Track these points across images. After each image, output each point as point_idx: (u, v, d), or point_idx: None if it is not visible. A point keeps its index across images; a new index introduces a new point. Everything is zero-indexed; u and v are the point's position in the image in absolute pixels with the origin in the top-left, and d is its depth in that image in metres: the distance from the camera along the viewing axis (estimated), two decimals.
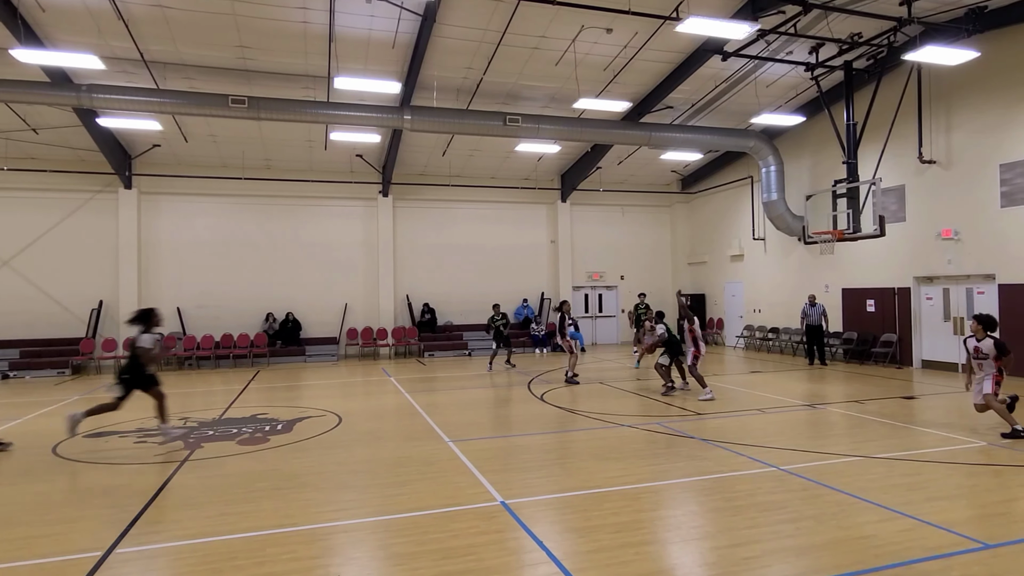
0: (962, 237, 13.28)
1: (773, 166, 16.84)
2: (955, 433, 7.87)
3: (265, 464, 7.06)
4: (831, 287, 16.58)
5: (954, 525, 4.80)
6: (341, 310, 19.25)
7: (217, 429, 9.01)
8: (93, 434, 8.80)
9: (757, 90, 15.62)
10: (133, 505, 5.62)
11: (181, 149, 17.18)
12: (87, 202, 17.36)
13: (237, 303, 18.37)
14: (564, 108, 15.84)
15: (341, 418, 9.62)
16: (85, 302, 17.17)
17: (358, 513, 5.40)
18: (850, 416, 9.10)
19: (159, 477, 6.54)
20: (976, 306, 13.19)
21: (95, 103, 12.51)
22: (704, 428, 8.39)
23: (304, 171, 18.97)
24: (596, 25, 12.46)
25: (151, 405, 8.12)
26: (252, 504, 5.64)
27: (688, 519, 5.18)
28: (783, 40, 13.28)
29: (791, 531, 4.78)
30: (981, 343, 7.82)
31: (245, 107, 12.73)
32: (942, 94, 13.68)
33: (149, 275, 17.78)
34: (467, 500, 5.65)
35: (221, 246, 18.39)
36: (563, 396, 11.33)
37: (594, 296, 22.45)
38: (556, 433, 8.39)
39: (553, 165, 20.52)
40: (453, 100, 15.35)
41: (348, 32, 12.38)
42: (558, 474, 6.45)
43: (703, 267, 22.23)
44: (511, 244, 21.13)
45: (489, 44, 13.05)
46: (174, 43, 12.43)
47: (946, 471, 6.28)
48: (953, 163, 13.51)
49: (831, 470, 6.37)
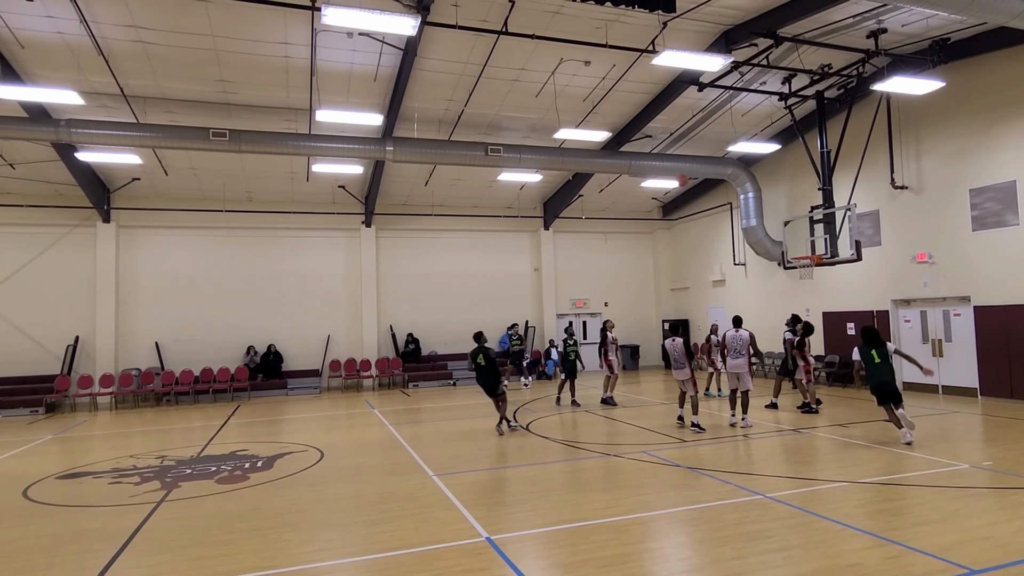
0: (936, 261, 13.56)
1: (751, 192, 17.14)
2: (938, 456, 7.91)
3: (245, 503, 6.89)
4: (812, 311, 16.77)
5: (940, 551, 4.80)
6: (324, 342, 19.06)
7: (195, 467, 8.80)
8: (66, 475, 8.54)
9: (733, 119, 15.98)
10: (107, 550, 5.44)
11: (161, 182, 17.09)
12: (64, 236, 17.14)
13: (217, 336, 18.11)
14: (545, 138, 16.05)
15: (323, 453, 9.45)
16: (61, 338, 16.82)
17: (340, 553, 5.27)
18: (835, 440, 9.13)
19: (135, 519, 6.35)
20: (953, 328, 13.42)
21: (74, 138, 12.43)
22: (690, 456, 8.36)
23: (286, 203, 18.94)
24: (574, 58, 12.72)
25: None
26: (231, 546, 5.48)
27: (676, 551, 5.12)
28: (757, 71, 13.65)
29: (779, 561, 4.74)
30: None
31: (226, 140, 12.73)
32: (911, 122, 14.10)
33: (127, 309, 17.50)
34: (452, 537, 5.54)
35: (201, 279, 18.19)
36: (549, 426, 11.25)
37: (578, 323, 22.47)
38: (542, 464, 8.30)
39: (535, 193, 20.71)
40: (435, 131, 15.49)
41: (330, 66, 12.50)
42: (544, 507, 6.36)
43: (686, 292, 22.41)
44: (495, 272, 21.17)
45: (470, 77, 13.25)
46: (154, 77, 12.46)
47: (931, 495, 6.30)
48: (924, 188, 13.86)
49: (817, 496, 6.36)
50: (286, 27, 11.19)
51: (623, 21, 11.56)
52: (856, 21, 11.71)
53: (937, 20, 11.59)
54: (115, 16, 10.58)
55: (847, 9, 11.22)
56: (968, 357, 13.03)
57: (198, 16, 10.71)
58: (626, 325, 22.04)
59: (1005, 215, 12.23)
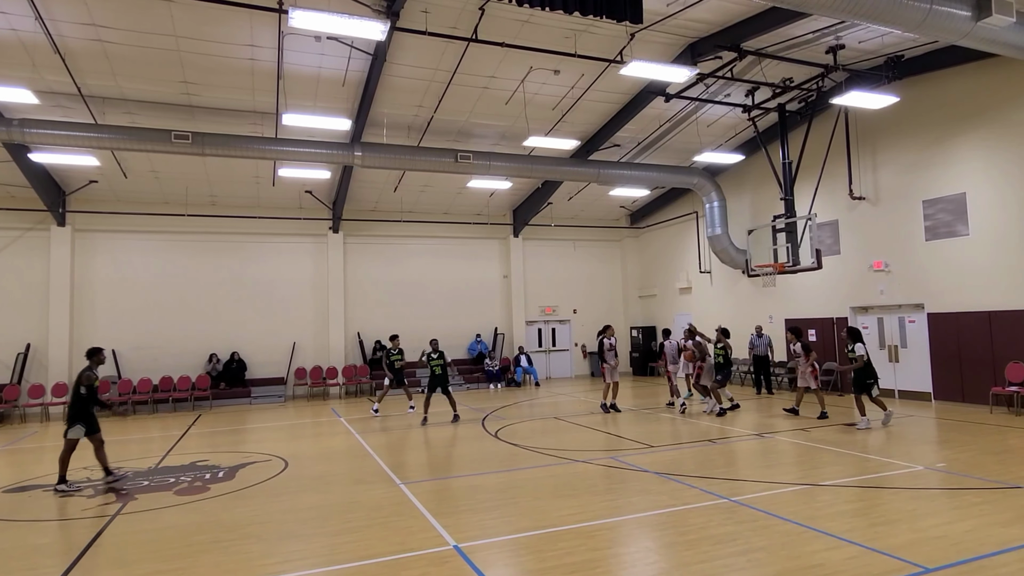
0: (892, 269, 14.01)
1: (716, 202, 17.48)
2: (894, 458, 8.15)
3: (205, 515, 6.70)
4: (775, 318, 17.15)
5: (896, 550, 4.93)
6: (289, 349, 18.71)
7: (153, 478, 8.52)
8: (14, 488, 8.18)
9: (699, 129, 16.30)
10: (56, 566, 5.22)
11: (120, 185, 16.60)
12: (16, 240, 16.49)
13: (178, 344, 17.62)
14: (514, 145, 16.12)
15: (287, 462, 9.25)
16: (10, 345, 16.15)
17: (303, 564, 5.15)
18: (797, 444, 9.33)
19: (87, 534, 6.11)
20: (908, 335, 13.86)
21: (27, 138, 11.99)
22: (656, 461, 8.43)
23: (251, 207, 18.59)
24: (544, 67, 12.82)
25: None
26: (189, 559, 5.32)
27: (642, 556, 5.15)
28: (721, 83, 13.96)
29: (743, 563, 4.81)
30: (795, 347, 12.25)
31: (189, 143, 12.44)
32: (868, 135, 14.59)
33: (83, 316, 16.91)
34: (419, 545, 5.47)
35: (162, 285, 17.70)
36: (518, 433, 11.23)
37: (547, 330, 22.55)
38: (510, 471, 8.28)
39: (505, 201, 20.75)
40: (404, 137, 15.42)
41: (297, 70, 12.35)
42: (512, 514, 6.34)
43: (653, 300, 22.69)
44: (464, 279, 21.11)
45: (439, 83, 13.23)
46: (114, 78, 12.12)
47: (888, 496, 6.47)
48: (881, 199, 14.33)
49: (779, 499, 6.48)
50: (252, 29, 11.02)
51: (592, 32, 11.71)
52: (816, 37, 12.08)
53: (892, 38, 12.04)
54: (73, 14, 10.27)
55: (807, 25, 11.57)
56: (922, 362, 13.48)
57: (160, 16, 10.47)
58: (593, 331, 22.15)
59: (956, 226, 12.72)
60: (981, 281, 12.26)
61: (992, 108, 12.11)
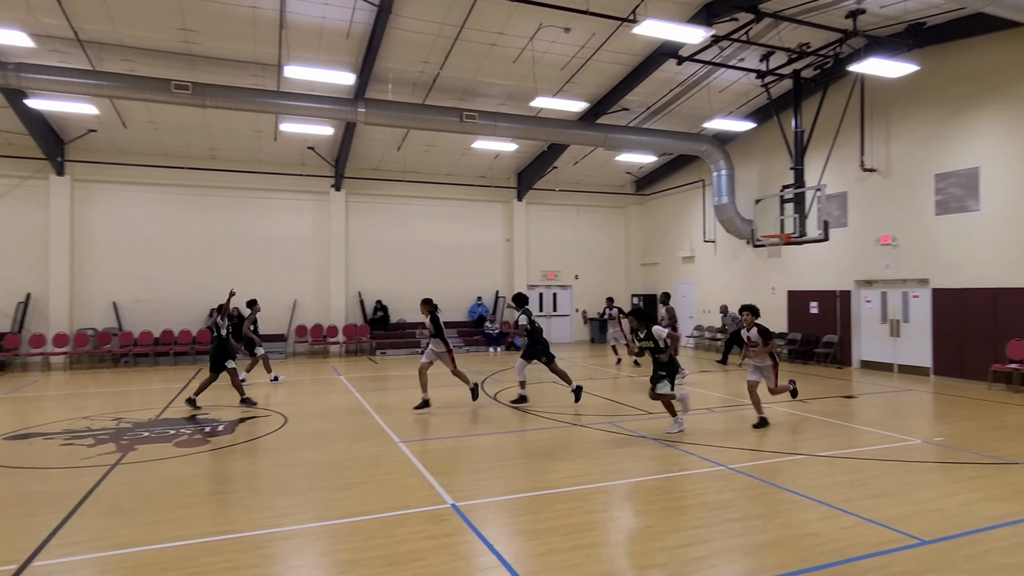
0: (899, 243, 13.85)
1: (724, 170, 17.21)
2: (892, 431, 8.16)
3: (203, 468, 6.74)
4: (777, 289, 17.06)
5: (892, 522, 4.94)
6: (290, 306, 18.69)
7: (153, 430, 8.57)
8: (15, 436, 8.23)
9: (710, 95, 15.92)
10: (55, 513, 5.25)
11: (119, 135, 16.33)
12: (14, 188, 16.30)
13: (179, 298, 17.59)
14: (521, 106, 15.77)
15: (287, 418, 9.30)
16: (10, 295, 16.13)
17: (300, 518, 5.18)
18: (794, 415, 9.35)
19: (86, 482, 6.15)
20: (911, 309, 13.80)
21: (23, 83, 11.73)
22: (655, 427, 8.45)
23: (252, 162, 18.33)
24: (554, 24, 12.43)
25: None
26: (186, 510, 5.35)
27: (638, 520, 5.17)
28: (736, 47, 13.55)
29: (738, 530, 4.82)
30: (751, 332, 8.34)
31: (189, 93, 12.17)
32: (883, 105, 14.24)
33: (83, 267, 16.84)
34: (416, 503, 5.50)
35: (162, 238, 17.58)
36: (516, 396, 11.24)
37: (548, 295, 22.50)
38: (508, 433, 8.31)
39: (510, 163, 20.45)
40: (409, 94, 15.07)
41: (300, 20, 11.98)
42: (510, 475, 6.37)
43: (656, 268, 22.57)
44: (466, 242, 20.97)
45: (446, 38, 12.86)
46: (112, 23, 11.77)
47: (884, 468, 6.49)
48: (892, 172, 14.08)
49: (776, 468, 6.50)
50: None
51: None
52: (836, 0, 11.67)
53: (915, 3, 11.62)
54: None
55: None
56: (924, 337, 13.44)
57: None
58: (595, 298, 22.17)
59: (967, 200, 12.51)
60: (988, 258, 12.12)
61: (1015, 81, 11.76)
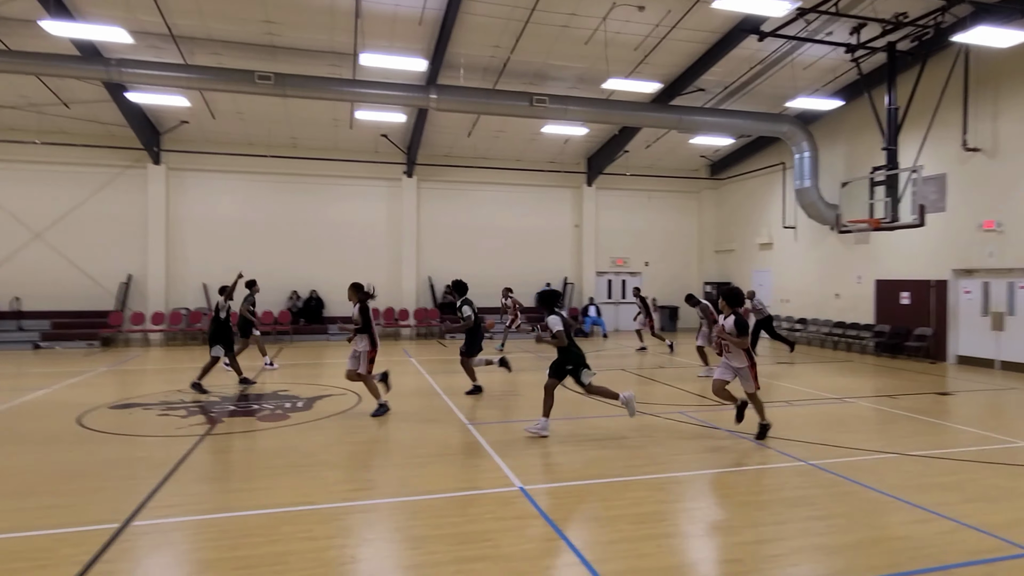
0: (1005, 229, 12.73)
1: (807, 152, 16.31)
2: (993, 432, 7.55)
3: (284, 441, 7.06)
4: (864, 278, 16.09)
5: (995, 529, 4.56)
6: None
7: (239, 405, 9.06)
8: (118, 405, 8.90)
9: (794, 72, 15.08)
10: (152, 478, 5.64)
11: (208, 126, 17.25)
12: (116, 177, 17.56)
13: (262, 280, 18.20)
14: (592, 89, 15.49)
15: (361, 397, 9.61)
16: (114, 275, 17.44)
17: (374, 493, 5.34)
18: (881, 411, 8.81)
19: (179, 450, 6.57)
20: (1017, 301, 12.69)
21: (124, 77, 12.55)
22: (728, 419, 8.16)
23: (329, 150, 18.94)
24: (628, 3, 12.08)
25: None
26: (269, 480, 5.62)
27: (712, 512, 5.02)
28: (823, 20, 12.73)
29: (821, 529, 4.59)
30: (726, 320, 6.99)
31: (271, 83, 12.66)
32: (989, 79, 13.05)
33: (177, 250, 17.98)
34: (485, 484, 5.55)
35: (247, 223, 18.49)
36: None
37: (617, 282, 22.16)
38: (577, 419, 8.25)
39: (579, 148, 20.19)
40: (480, 79, 15.10)
41: (374, 8, 12.19)
42: (578, 461, 6.32)
43: (730, 255, 21.78)
44: (535, 227, 20.92)
45: (517, 21, 12.76)
46: (201, 17, 12.38)
47: (985, 471, 6.00)
48: (999, 151, 12.92)
49: (862, 466, 6.14)
50: None
51: None
52: None
53: None
54: None
55: None
56: None
57: None
58: (665, 286, 21.68)
59: None
60: None
61: None
